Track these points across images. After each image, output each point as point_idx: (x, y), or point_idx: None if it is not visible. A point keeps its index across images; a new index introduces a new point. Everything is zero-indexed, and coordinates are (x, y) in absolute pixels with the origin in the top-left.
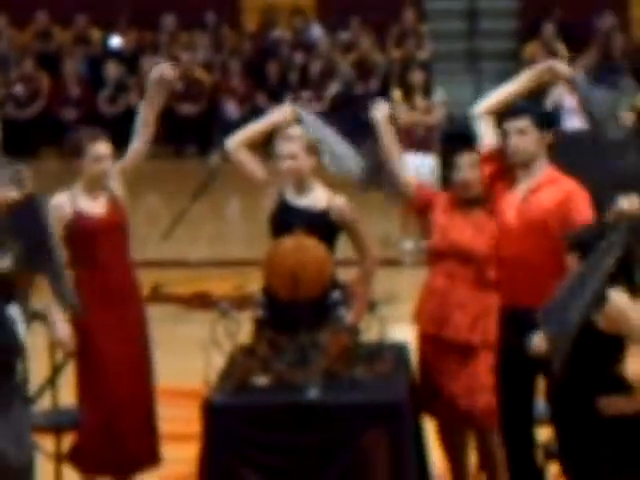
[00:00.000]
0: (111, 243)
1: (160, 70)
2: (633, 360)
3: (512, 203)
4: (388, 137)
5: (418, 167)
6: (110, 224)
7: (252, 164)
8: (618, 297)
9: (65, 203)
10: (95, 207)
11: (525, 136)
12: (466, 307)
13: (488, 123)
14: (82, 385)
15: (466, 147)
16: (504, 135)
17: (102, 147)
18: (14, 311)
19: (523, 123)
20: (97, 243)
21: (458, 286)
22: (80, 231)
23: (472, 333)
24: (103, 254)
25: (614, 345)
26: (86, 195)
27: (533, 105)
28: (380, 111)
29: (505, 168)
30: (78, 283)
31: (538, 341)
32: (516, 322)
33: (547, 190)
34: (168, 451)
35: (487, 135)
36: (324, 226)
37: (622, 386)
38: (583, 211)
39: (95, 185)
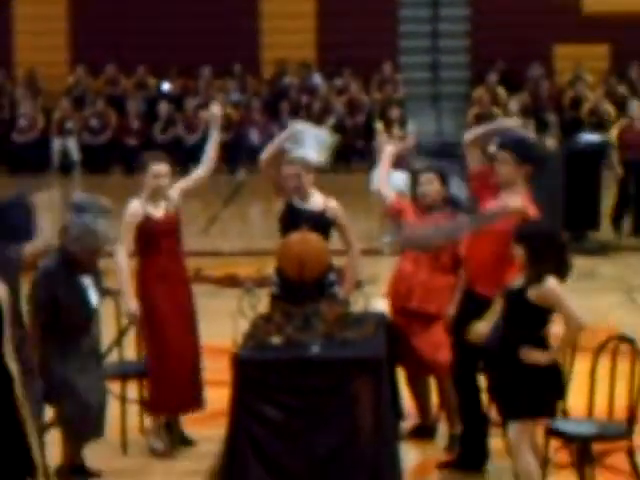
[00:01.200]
0: (168, 238)
1: (211, 111)
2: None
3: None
4: (385, 165)
5: (395, 180)
6: (168, 225)
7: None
8: (554, 284)
9: (138, 210)
10: (157, 212)
11: (506, 165)
12: (426, 284)
13: (472, 152)
14: (149, 345)
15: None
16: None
17: (161, 167)
18: (87, 282)
19: (505, 155)
20: (159, 238)
21: (421, 269)
22: (147, 229)
23: (429, 304)
24: (163, 246)
25: (542, 313)
26: (150, 202)
27: (517, 142)
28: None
29: (489, 184)
30: (145, 266)
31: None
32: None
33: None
34: (207, 394)
35: (472, 161)
36: (321, 222)
37: (545, 345)
38: None
39: (155, 195)
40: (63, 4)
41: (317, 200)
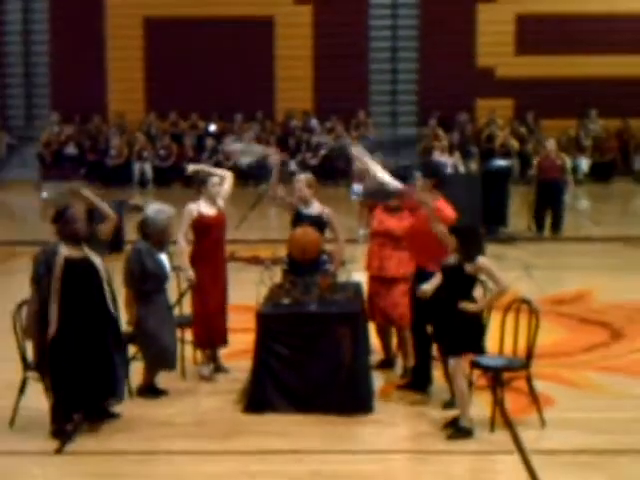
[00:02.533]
0: (217, 231)
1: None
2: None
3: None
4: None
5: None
6: (217, 221)
7: (285, 196)
8: (485, 260)
9: (194, 209)
10: (210, 211)
11: (419, 181)
12: (391, 259)
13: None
14: (196, 303)
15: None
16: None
17: (215, 179)
18: (163, 256)
19: (418, 174)
20: (210, 230)
21: (386, 249)
22: (202, 224)
23: (397, 272)
24: (212, 235)
25: (472, 280)
26: (207, 204)
27: (425, 164)
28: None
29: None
30: (196, 250)
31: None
32: (419, 273)
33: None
34: (238, 338)
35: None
36: (319, 222)
37: (473, 301)
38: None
39: (212, 200)
40: (141, 71)
41: (316, 207)
